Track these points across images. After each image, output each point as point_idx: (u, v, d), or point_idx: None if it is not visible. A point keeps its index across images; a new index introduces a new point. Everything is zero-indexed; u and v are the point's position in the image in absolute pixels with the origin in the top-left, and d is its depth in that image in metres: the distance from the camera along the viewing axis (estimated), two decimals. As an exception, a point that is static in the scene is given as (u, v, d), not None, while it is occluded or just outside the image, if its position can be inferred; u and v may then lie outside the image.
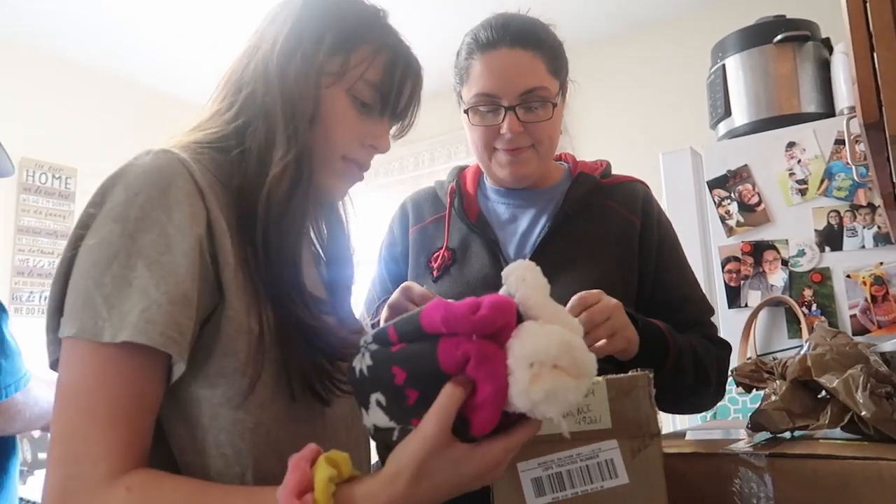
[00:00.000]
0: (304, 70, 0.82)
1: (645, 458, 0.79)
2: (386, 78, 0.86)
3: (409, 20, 4.04)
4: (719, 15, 3.28)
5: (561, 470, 0.79)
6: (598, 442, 0.79)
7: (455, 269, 1.22)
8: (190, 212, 0.71)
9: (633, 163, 3.32)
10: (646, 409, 0.80)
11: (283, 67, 0.82)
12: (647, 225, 1.26)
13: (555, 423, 0.62)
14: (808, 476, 0.81)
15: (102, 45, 3.57)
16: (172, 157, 0.74)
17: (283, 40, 0.84)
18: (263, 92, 0.82)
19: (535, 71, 1.18)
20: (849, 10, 0.81)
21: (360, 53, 0.85)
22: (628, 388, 0.80)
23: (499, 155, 1.22)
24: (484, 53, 1.19)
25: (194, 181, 0.73)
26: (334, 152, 0.85)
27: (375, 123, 0.88)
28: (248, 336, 0.73)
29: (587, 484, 0.79)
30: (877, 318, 2.06)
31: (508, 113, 1.17)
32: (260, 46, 0.85)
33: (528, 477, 0.79)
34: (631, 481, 0.79)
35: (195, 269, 0.70)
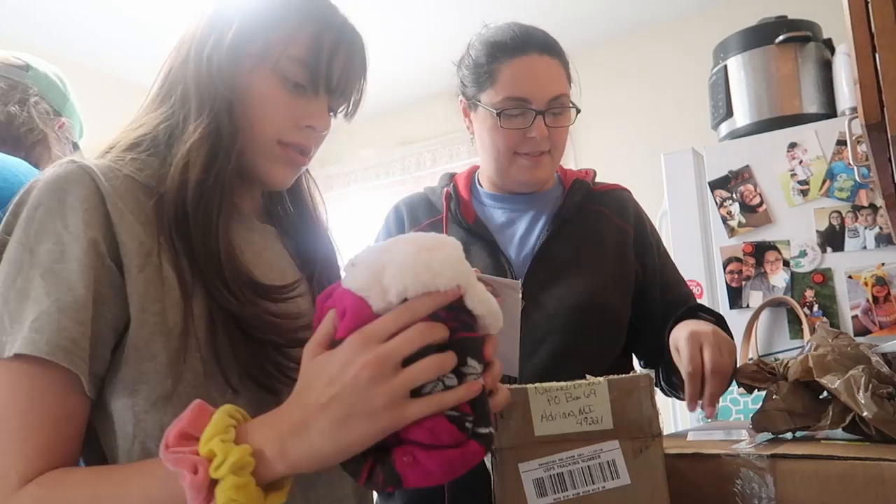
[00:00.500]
0: (225, 54, 0.80)
1: (646, 458, 0.79)
2: (312, 52, 0.81)
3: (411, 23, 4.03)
4: (721, 15, 3.28)
5: (562, 470, 0.79)
6: (599, 442, 0.79)
7: None
8: (84, 217, 0.70)
9: (635, 163, 3.34)
10: (647, 409, 0.80)
11: (199, 55, 0.81)
12: (641, 232, 1.32)
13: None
14: (809, 477, 0.81)
15: (104, 46, 3.57)
16: (74, 165, 0.73)
17: (204, 28, 0.82)
18: (184, 84, 0.81)
19: (560, 77, 1.25)
20: (850, 10, 0.81)
21: (282, 30, 0.81)
22: (630, 388, 0.80)
23: (520, 159, 1.25)
24: (514, 58, 1.23)
25: (96, 186, 0.72)
26: (267, 137, 0.82)
27: (310, 102, 0.83)
28: (166, 337, 0.71)
29: (589, 485, 0.79)
30: (878, 319, 2.06)
31: (538, 117, 1.21)
32: (185, 36, 0.84)
33: (529, 478, 0.79)
34: (632, 482, 0.79)
35: (90, 274, 0.68)
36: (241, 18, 0.81)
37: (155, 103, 0.84)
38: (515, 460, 0.80)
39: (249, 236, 0.86)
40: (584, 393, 0.79)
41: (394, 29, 3.48)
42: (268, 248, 0.88)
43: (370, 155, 4.40)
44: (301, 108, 0.83)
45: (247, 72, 0.81)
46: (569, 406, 0.79)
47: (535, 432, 0.80)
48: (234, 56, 0.80)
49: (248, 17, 0.81)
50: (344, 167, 4.50)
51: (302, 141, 0.84)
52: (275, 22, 0.81)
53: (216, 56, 0.80)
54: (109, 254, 0.71)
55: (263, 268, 0.84)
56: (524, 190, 1.31)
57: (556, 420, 0.79)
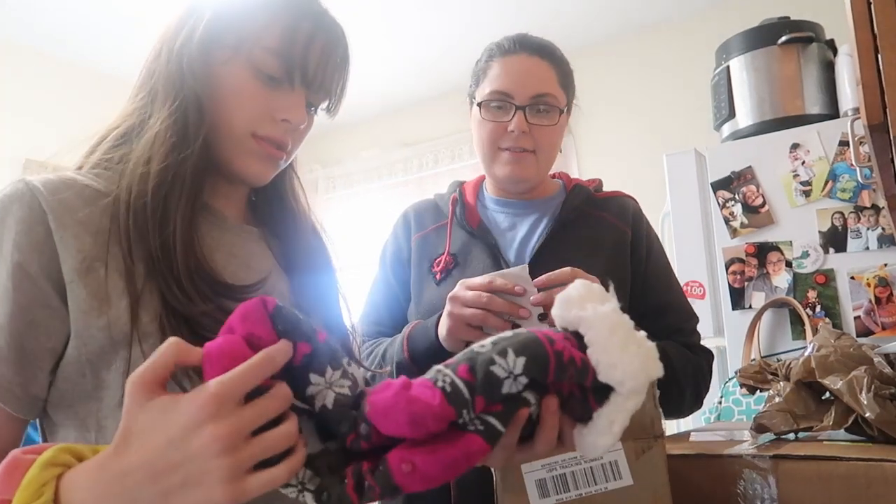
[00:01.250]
0: (189, 47, 0.79)
1: (649, 459, 0.79)
2: (286, 42, 0.79)
3: (413, 24, 4.04)
4: (723, 16, 3.28)
5: (565, 471, 0.79)
6: None
7: (457, 272, 1.26)
8: (15, 239, 0.69)
9: (638, 164, 3.34)
10: (650, 410, 0.80)
11: (170, 49, 0.80)
12: (638, 235, 1.32)
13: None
14: (812, 478, 0.81)
15: (106, 47, 3.58)
16: (21, 184, 0.72)
17: (175, 22, 0.82)
18: (155, 78, 0.81)
19: (548, 78, 1.27)
20: (853, 11, 0.81)
21: (256, 20, 0.79)
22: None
23: (502, 154, 1.28)
24: (503, 57, 1.28)
25: (38, 204, 0.71)
26: (241, 130, 0.80)
27: (286, 95, 0.81)
28: (116, 347, 0.71)
29: (591, 485, 0.79)
30: (881, 320, 2.06)
31: (518, 112, 1.24)
32: (167, 34, 0.83)
33: (532, 478, 0.79)
34: (635, 483, 0.79)
35: (12, 298, 0.68)
36: (213, 10, 0.80)
37: (130, 99, 0.84)
38: (518, 461, 0.80)
39: (223, 237, 0.84)
40: None
41: (396, 30, 3.48)
42: (244, 248, 0.86)
43: (372, 156, 4.40)
44: (276, 101, 0.81)
45: (220, 64, 0.79)
46: None
47: None
48: (206, 48, 0.79)
49: (221, 9, 0.80)
50: (346, 168, 4.51)
51: (277, 135, 0.82)
52: (248, 13, 0.79)
53: (186, 49, 0.79)
54: (45, 273, 0.69)
55: (235, 268, 0.82)
56: (511, 188, 1.33)
57: None
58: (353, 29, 0.91)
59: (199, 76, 0.79)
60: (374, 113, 4.32)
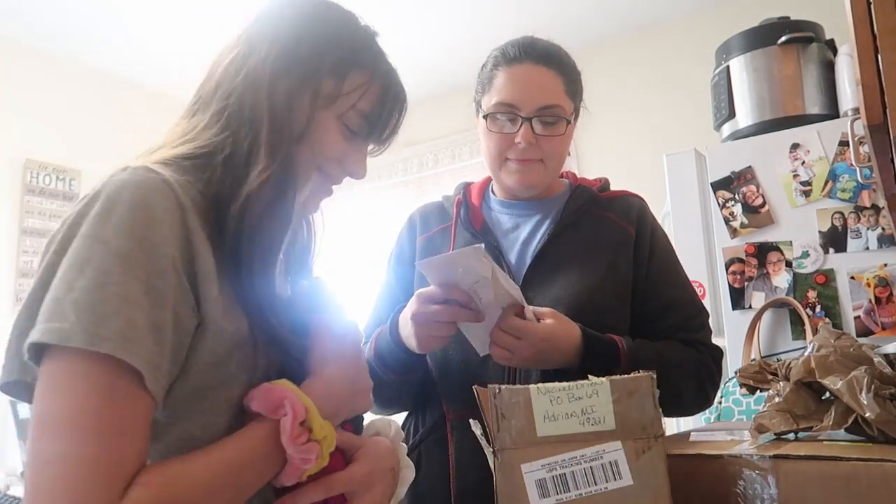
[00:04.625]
0: (298, 88, 0.81)
1: (649, 459, 0.79)
2: (376, 108, 0.87)
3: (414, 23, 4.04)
4: (723, 16, 3.28)
5: (565, 471, 0.79)
6: (602, 443, 0.79)
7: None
8: (166, 233, 0.70)
9: (638, 164, 3.34)
10: (650, 410, 0.80)
11: (275, 82, 0.81)
12: (642, 233, 1.31)
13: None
14: (812, 478, 0.81)
15: (107, 46, 3.58)
16: (155, 176, 0.72)
17: (279, 54, 0.82)
18: (252, 104, 0.80)
19: (555, 89, 1.26)
20: (853, 11, 0.81)
21: (355, 79, 0.85)
22: (632, 389, 0.80)
23: (509, 164, 1.28)
24: (509, 66, 1.27)
25: (177, 201, 0.72)
26: (311, 166, 0.85)
27: (358, 148, 0.89)
28: (239, 349, 0.75)
29: (591, 485, 0.79)
30: (881, 320, 2.06)
31: (525, 124, 1.24)
32: (251, 54, 0.83)
33: (532, 478, 0.79)
34: (635, 483, 0.79)
35: (159, 290, 0.68)
36: (329, 60, 0.84)
37: (210, 113, 0.83)
38: (518, 461, 0.80)
39: None
40: (586, 393, 0.80)
41: (396, 30, 3.48)
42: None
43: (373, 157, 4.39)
44: (348, 153, 0.88)
45: (308, 106, 0.82)
46: (571, 406, 0.80)
47: (537, 433, 0.80)
48: (314, 92, 0.83)
49: (332, 60, 0.84)
50: (346, 168, 4.51)
51: (338, 179, 0.91)
52: (353, 69, 0.85)
53: (297, 88, 0.82)
54: (185, 271, 0.71)
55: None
56: (518, 194, 1.33)
57: (559, 420, 0.80)
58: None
59: (300, 119, 0.82)
60: (374, 113, 4.32)
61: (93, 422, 0.62)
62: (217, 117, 0.82)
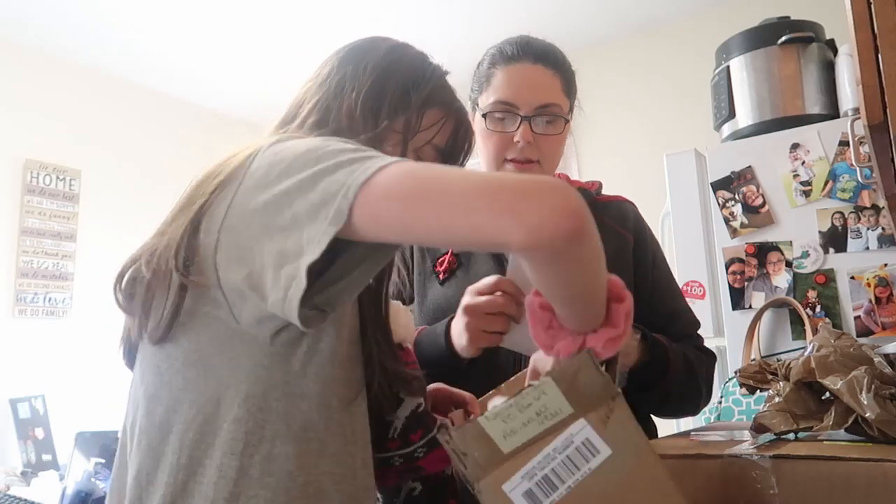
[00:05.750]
0: (389, 124, 0.86)
1: (616, 421, 0.77)
2: (450, 142, 0.93)
3: (414, 23, 4.04)
4: (723, 16, 3.28)
5: (545, 472, 0.76)
6: (566, 429, 0.77)
7: (461, 273, 1.26)
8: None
9: (638, 164, 3.34)
10: (597, 378, 0.77)
11: (368, 120, 0.85)
12: (641, 241, 1.32)
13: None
14: (812, 478, 0.81)
15: (107, 47, 3.58)
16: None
17: (368, 92, 0.87)
18: (351, 134, 0.84)
19: (553, 88, 1.26)
20: (853, 11, 0.81)
21: (432, 116, 0.90)
22: (575, 370, 0.77)
23: (507, 166, 1.27)
24: (507, 65, 1.26)
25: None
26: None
27: None
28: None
29: (575, 472, 0.76)
30: (881, 320, 2.06)
31: (524, 122, 1.23)
32: (341, 94, 0.87)
33: (517, 494, 0.76)
34: (613, 450, 0.77)
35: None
36: (412, 96, 0.88)
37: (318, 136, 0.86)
38: (497, 483, 0.76)
39: None
40: (534, 397, 0.77)
41: (396, 30, 3.47)
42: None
43: (372, 156, 4.39)
44: None
45: (399, 142, 0.87)
46: (525, 415, 0.76)
47: (503, 451, 0.76)
48: (406, 126, 0.88)
49: (415, 96, 0.89)
50: (346, 168, 4.51)
51: None
52: (430, 107, 0.90)
53: (386, 122, 0.86)
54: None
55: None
56: None
57: (519, 432, 0.77)
58: (354, 29, 0.92)
59: (392, 151, 0.86)
60: (374, 113, 4.32)
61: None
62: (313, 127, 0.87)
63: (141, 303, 0.81)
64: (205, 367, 0.76)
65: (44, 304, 3.46)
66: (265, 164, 0.74)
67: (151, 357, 0.81)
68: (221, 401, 0.75)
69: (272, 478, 0.73)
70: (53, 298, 3.50)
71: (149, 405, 0.79)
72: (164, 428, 0.77)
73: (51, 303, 3.49)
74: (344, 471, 0.76)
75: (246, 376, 0.75)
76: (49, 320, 3.44)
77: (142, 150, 3.83)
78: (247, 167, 0.76)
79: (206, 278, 0.75)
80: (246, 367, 0.75)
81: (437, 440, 0.85)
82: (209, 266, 0.75)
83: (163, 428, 0.77)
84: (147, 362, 0.82)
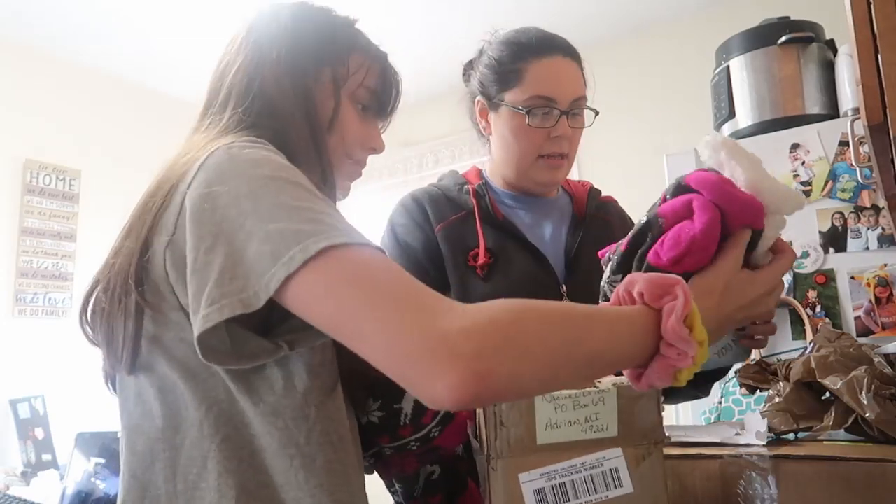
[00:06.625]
0: (316, 81, 0.87)
1: (649, 466, 0.78)
2: (380, 83, 0.93)
3: (414, 23, 4.04)
4: (723, 16, 3.28)
5: (564, 480, 0.77)
6: (602, 450, 0.78)
7: (501, 268, 1.24)
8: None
9: (637, 164, 3.34)
10: (653, 416, 0.79)
11: (296, 80, 0.85)
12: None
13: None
14: (812, 478, 0.81)
15: (106, 47, 3.58)
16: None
17: (289, 55, 0.86)
18: (282, 106, 0.84)
19: (581, 80, 1.29)
20: (853, 11, 0.81)
21: (356, 60, 0.91)
22: (637, 395, 0.78)
23: (542, 161, 1.28)
24: (541, 58, 1.26)
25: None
26: (344, 155, 0.91)
27: (372, 126, 0.95)
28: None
29: (591, 494, 0.77)
30: (881, 320, 2.06)
31: (562, 117, 1.24)
32: (261, 61, 0.87)
33: (530, 488, 0.77)
34: (635, 490, 0.77)
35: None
36: (333, 47, 0.89)
37: (240, 113, 0.85)
38: (515, 470, 0.77)
39: None
40: (592, 401, 0.78)
41: (396, 30, 3.48)
42: None
43: (373, 156, 4.39)
44: (367, 131, 0.94)
45: (331, 94, 0.88)
46: (575, 414, 0.78)
47: (536, 441, 0.77)
48: (333, 79, 0.88)
49: (336, 47, 0.90)
50: (346, 168, 4.50)
51: (364, 159, 0.96)
52: (352, 53, 0.91)
53: (315, 79, 0.87)
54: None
55: None
56: (541, 191, 1.34)
57: (561, 428, 0.77)
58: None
59: (328, 107, 0.87)
60: (374, 113, 4.32)
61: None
62: (239, 123, 0.84)
63: (103, 334, 0.79)
64: (182, 392, 0.73)
65: (44, 304, 3.46)
66: (198, 201, 0.70)
67: (132, 385, 0.79)
68: (204, 423, 0.73)
69: (268, 490, 0.72)
70: (53, 298, 3.49)
71: (130, 435, 0.77)
72: (147, 458, 0.75)
73: (51, 303, 3.49)
74: (337, 479, 0.74)
75: (226, 395, 0.73)
76: (49, 320, 3.44)
77: (142, 151, 3.81)
78: (184, 194, 0.72)
79: (165, 300, 0.73)
80: (221, 386, 0.73)
81: (450, 414, 0.85)
82: (166, 289, 0.73)
83: (145, 458, 0.75)
84: (128, 391, 0.80)
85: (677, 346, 0.64)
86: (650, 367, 0.66)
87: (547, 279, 1.24)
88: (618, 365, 0.67)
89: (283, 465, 0.72)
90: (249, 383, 0.72)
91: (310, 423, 0.73)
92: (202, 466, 0.72)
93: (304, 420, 0.73)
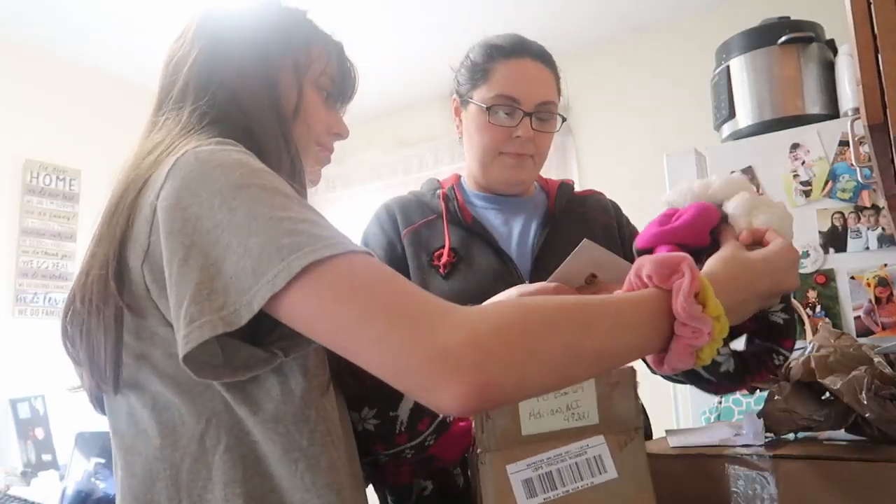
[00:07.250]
0: (278, 69, 0.87)
1: (631, 451, 0.80)
2: (340, 69, 0.95)
3: (413, 23, 4.03)
4: (723, 16, 3.28)
5: (551, 469, 0.79)
6: (585, 438, 0.80)
7: (463, 267, 1.27)
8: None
9: (637, 164, 3.34)
10: (631, 403, 0.82)
11: (260, 69, 0.86)
12: (627, 224, 1.40)
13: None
14: (811, 478, 0.81)
15: (106, 47, 3.58)
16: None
17: (250, 43, 0.86)
18: (245, 96, 0.84)
19: (550, 85, 1.31)
20: (853, 11, 0.81)
21: (316, 48, 0.92)
22: (614, 382, 0.81)
23: (504, 158, 1.30)
24: (509, 59, 1.29)
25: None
26: (312, 141, 0.92)
27: (335, 112, 0.96)
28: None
29: (577, 481, 0.79)
30: (881, 320, 2.06)
31: (525, 118, 1.27)
32: (218, 51, 0.86)
33: (518, 479, 0.79)
34: (619, 475, 0.79)
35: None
36: (293, 37, 0.90)
37: (187, 122, 0.83)
38: (503, 462, 0.79)
39: None
40: (572, 388, 0.80)
41: (396, 30, 3.48)
42: None
43: (372, 156, 4.40)
44: (331, 117, 0.95)
45: (294, 83, 0.88)
46: (556, 402, 0.80)
47: (522, 432, 0.80)
48: (295, 67, 0.88)
49: (296, 36, 0.90)
50: (346, 168, 4.50)
51: (330, 144, 0.96)
52: (311, 42, 0.92)
53: (279, 68, 0.87)
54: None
55: None
56: (505, 190, 1.36)
57: (544, 417, 0.80)
58: (353, 29, 0.93)
59: (292, 96, 0.87)
60: (373, 113, 4.32)
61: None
62: (202, 118, 0.82)
63: (85, 350, 0.77)
64: (178, 407, 0.72)
65: (44, 304, 3.46)
66: (169, 213, 0.67)
67: (123, 405, 0.76)
68: (205, 436, 0.71)
69: (274, 494, 0.71)
70: (53, 298, 3.49)
71: (126, 457, 0.75)
72: (147, 479, 0.73)
73: (51, 303, 3.49)
74: (343, 476, 0.73)
75: (223, 406, 0.71)
76: (49, 320, 3.43)
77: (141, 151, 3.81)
78: (153, 204, 0.70)
79: (150, 316, 0.71)
80: (218, 398, 0.71)
81: (445, 424, 0.85)
82: (149, 306, 0.71)
83: (146, 480, 0.73)
84: (119, 412, 0.77)
85: (690, 325, 0.63)
86: (670, 350, 0.65)
87: (509, 277, 1.25)
88: (632, 354, 0.66)
89: (288, 469, 0.71)
90: (246, 393, 0.71)
91: (311, 424, 0.72)
92: (207, 479, 0.71)
93: (304, 423, 0.72)
